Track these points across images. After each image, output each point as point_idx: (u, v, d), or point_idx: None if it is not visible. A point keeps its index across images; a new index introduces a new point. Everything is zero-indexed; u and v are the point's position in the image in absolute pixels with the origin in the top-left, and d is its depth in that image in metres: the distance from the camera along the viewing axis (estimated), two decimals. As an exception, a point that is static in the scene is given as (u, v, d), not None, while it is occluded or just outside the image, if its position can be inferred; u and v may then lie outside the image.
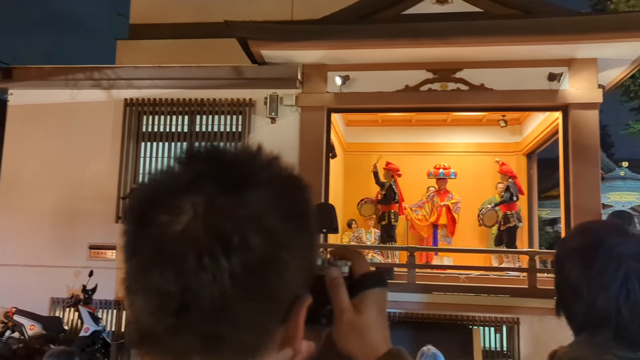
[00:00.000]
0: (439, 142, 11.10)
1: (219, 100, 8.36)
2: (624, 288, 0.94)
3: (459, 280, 7.59)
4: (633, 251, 0.96)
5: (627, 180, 16.35)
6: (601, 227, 1.07)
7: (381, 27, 7.63)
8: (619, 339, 0.93)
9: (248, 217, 0.54)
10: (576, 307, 1.00)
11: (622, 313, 0.93)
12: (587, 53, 7.48)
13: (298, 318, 0.58)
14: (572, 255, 1.02)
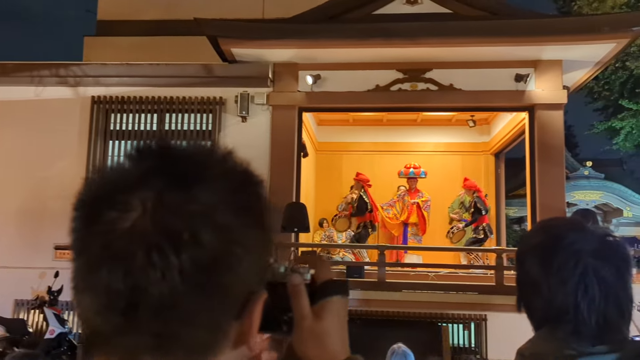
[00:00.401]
0: (409, 142, 11.20)
1: (188, 99, 8.27)
2: (582, 284, 0.95)
3: (429, 278, 7.68)
4: (591, 247, 0.98)
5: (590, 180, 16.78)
6: (560, 224, 1.09)
7: (352, 27, 7.67)
8: (578, 334, 0.95)
9: (199, 213, 0.53)
10: (536, 302, 1.02)
11: (581, 308, 0.95)
12: (553, 55, 7.65)
13: (252, 315, 0.58)
14: (532, 252, 1.04)
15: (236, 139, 8.15)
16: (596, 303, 0.95)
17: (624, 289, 0.98)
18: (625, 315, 0.98)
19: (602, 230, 1.03)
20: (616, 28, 7.00)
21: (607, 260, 0.97)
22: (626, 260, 1.00)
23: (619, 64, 15.13)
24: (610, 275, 0.96)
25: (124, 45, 9.64)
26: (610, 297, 0.96)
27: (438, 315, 7.16)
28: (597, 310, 0.95)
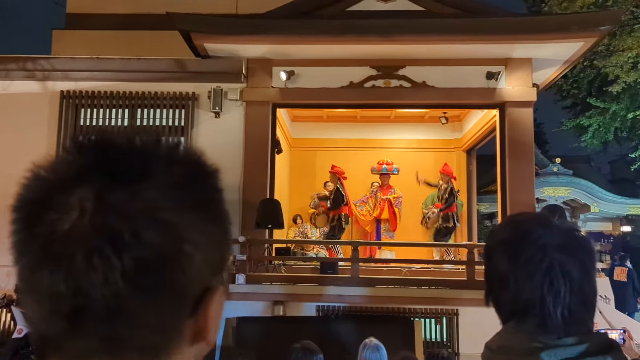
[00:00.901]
0: (383, 139, 11.27)
1: (161, 94, 8.16)
2: (548, 277, 0.97)
3: (401, 273, 7.74)
4: (557, 242, 0.99)
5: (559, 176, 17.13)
6: (527, 219, 1.10)
7: (326, 23, 7.66)
8: (544, 327, 0.96)
9: (141, 211, 0.51)
10: (504, 296, 1.03)
11: (547, 302, 0.96)
12: (523, 53, 7.77)
13: (208, 310, 0.56)
14: (499, 247, 1.05)
15: (209, 134, 8.08)
16: (561, 296, 0.96)
17: (589, 282, 0.99)
18: (589, 308, 1.00)
19: (568, 225, 1.05)
20: (584, 27, 7.15)
21: (572, 254, 0.99)
22: (590, 254, 1.02)
23: (587, 63, 15.42)
24: (575, 269, 0.98)
25: (94, 39, 9.45)
26: (575, 291, 0.97)
27: (411, 310, 7.22)
28: (563, 304, 0.96)
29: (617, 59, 14.06)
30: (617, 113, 17.55)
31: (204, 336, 0.56)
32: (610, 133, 18.65)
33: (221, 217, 0.60)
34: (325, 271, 7.48)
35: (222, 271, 0.60)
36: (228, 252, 0.62)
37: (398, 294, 7.16)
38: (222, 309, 0.59)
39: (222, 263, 0.60)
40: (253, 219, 7.39)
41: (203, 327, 0.56)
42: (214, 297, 0.57)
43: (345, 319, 7.05)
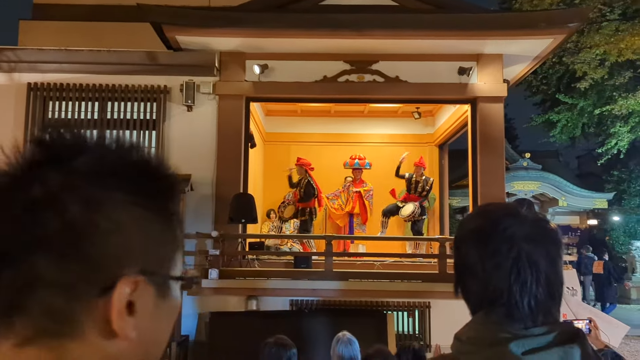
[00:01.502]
0: (356, 133, 11.31)
1: (132, 87, 8.03)
2: (515, 267, 0.97)
3: (374, 267, 7.80)
4: (524, 232, 0.99)
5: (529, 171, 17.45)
6: (496, 209, 1.10)
7: (299, 16, 7.63)
8: (511, 317, 0.97)
9: (68, 184, 0.56)
10: (472, 286, 1.03)
11: (514, 292, 0.97)
12: (494, 49, 7.87)
13: (116, 296, 0.55)
14: (469, 237, 1.05)
15: (182, 128, 7.99)
16: (528, 286, 0.97)
17: (555, 272, 1.00)
18: (555, 298, 1.01)
19: (536, 216, 1.05)
20: (553, 24, 7.27)
21: (539, 244, 0.99)
22: (557, 244, 1.03)
23: (556, 59, 15.71)
24: (542, 260, 0.98)
25: (62, 30, 9.23)
26: (541, 281, 0.98)
27: (384, 303, 7.29)
28: (529, 294, 0.97)
29: (584, 56, 14.36)
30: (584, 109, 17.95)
31: (114, 331, 0.55)
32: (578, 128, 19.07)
33: (169, 217, 0.62)
34: (298, 265, 7.48)
35: (157, 269, 0.59)
36: (172, 253, 0.62)
37: (371, 287, 7.21)
38: (160, 316, 0.60)
39: (160, 261, 0.60)
40: (226, 213, 7.34)
41: (109, 313, 0.55)
42: (127, 284, 0.56)
43: (318, 313, 7.08)
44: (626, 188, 19.38)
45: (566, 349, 0.94)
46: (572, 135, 19.65)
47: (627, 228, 19.14)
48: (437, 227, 10.67)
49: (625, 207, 19.35)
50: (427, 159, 10.75)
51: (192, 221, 7.41)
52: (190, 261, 7.41)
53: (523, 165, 17.66)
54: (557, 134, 19.32)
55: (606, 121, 18.12)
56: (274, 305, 7.15)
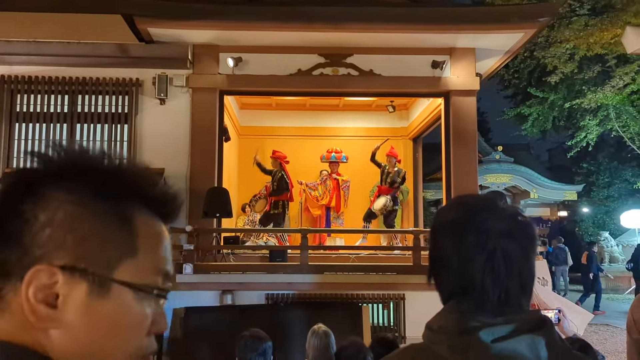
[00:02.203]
0: (331, 127, 11.32)
1: (102, 80, 7.89)
2: (489, 261, 0.99)
3: (350, 260, 7.84)
4: (501, 226, 1.01)
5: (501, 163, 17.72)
6: (474, 202, 1.11)
7: (273, 9, 7.59)
8: (481, 307, 0.99)
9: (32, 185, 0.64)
10: (446, 276, 1.05)
11: (486, 284, 0.98)
12: (466, 43, 7.94)
13: (30, 281, 0.59)
14: (445, 228, 1.06)
15: (155, 122, 7.89)
16: (501, 279, 0.98)
17: (528, 267, 1.02)
18: (526, 291, 1.03)
19: (513, 210, 1.07)
20: (524, 18, 7.37)
21: (514, 239, 1.01)
22: (532, 239, 1.04)
23: (527, 54, 15.95)
24: (516, 254, 1.00)
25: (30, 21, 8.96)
26: (514, 274, 0.99)
27: (359, 295, 7.34)
28: (501, 286, 0.98)
29: (555, 50, 14.60)
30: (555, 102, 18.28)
31: (31, 322, 0.59)
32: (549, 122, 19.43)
33: (120, 221, 0.64)
34: (274, 259, 7.48)
35: (92, 267, 0.61)
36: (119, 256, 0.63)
37: (346, 280, 7.24)
38: (98, 318, 0.61)
39: (100, 261, 0.62)
40: (200, 208, 7.28)
41: (22, 298, 0.59)
42: (34, 277, 0.59)
43: (294, 306, 7.10)
44: (595, 180, 19.84)
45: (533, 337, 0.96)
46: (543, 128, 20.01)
47: (595, 219, 19.62)
48: (411, 220, 10.77)
49: (594, 198, 19.82)
50: (402, 152, 10.82)
51: (166, 216, 7.33)
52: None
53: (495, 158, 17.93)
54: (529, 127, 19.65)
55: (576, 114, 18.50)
56: (250, 300, 7.13)
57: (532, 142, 23.79)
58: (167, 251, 0.70)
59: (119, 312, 0.62)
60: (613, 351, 8.24)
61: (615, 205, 18.92)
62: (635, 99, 16.64)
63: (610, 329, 10.24)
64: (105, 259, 0.62)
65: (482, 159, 17.90)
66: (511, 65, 17.16)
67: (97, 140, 7.85)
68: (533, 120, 19.27)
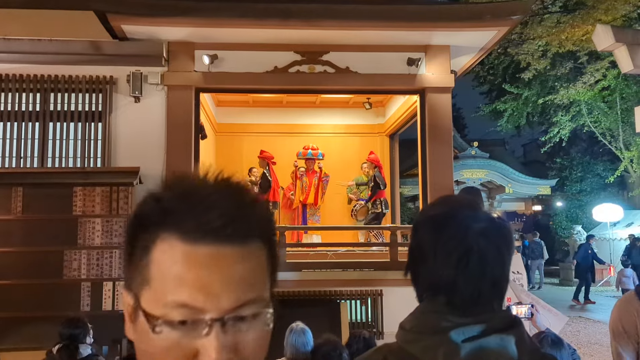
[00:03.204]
0: (309, 124, 11.33)
1: (75, 77, 7.76)
2: (464, 259, 1.00)
3: (328, 257, 7.86)
4: (480, 227, 1.02)
5: (477, 159, 17.94)
6: (458, 201, 1.13)
7: (248, 6, 7.54)
8: (453, 305, 1.00)
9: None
10: (422, 271, 1.06)
11: (459, 282, 1.00)
12: (441, 40, 8.01)
13: (123, 299, 0.68)
14: (427, 223, 1.08)
15: (129, 120, 7.80)
16: (474, 278, 1.00)
17: (501, 268, 1.03)
18: (498, 292, 1.04)
19: (493, 214, 1.10)
20: (497, 16, 7.46)
21: (491, 239, 1.02)
22: (508, 241, 1.06)
23: (501, 50, 16.16)
24: (491, 254, 1.01)
25: (-1, 18, 8.80)
26: (487, 274, 1.01)
27: (337, 292, 7.37)
28: (474, 285, 1.00)
29: (528, 47, 14.82)
30: (529, 98, 18.57)
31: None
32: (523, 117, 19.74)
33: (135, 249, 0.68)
34: (252, 257, 7.45)
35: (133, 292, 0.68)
36: (141, 284, 0.67)
37: (324, 277, 7.27)
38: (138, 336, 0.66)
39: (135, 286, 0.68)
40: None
41: None
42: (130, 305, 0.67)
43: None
44: (568, 175, 20.20)
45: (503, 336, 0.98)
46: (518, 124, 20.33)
47: (569, 213, 19.99)
48: (388, 216, 10.83)
49: (567, 193, 20.19)
50: (378, 149, 10.89)
51: (142, 215, 7.25)
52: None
53: (471, 153, 18.14)
54: (504, 123, 19.94)
55: (549, 110, 18.83)
56: (228, 298, 7.10)
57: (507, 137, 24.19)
58: (181, 278, 0.62)
59: (140, 338, 0.65)
60: (586, 342, 8.42)
61: (587, 199, 19.30)
62: (606, 95, 17.01)
63: (583, 321, 10.45)
64: (135, 286, 0.66)
65: (458, 155, 18.10)
66: (486, 62, 17.37)
67: (70, 139, 7.73)
68: (508, 116, 19.55)
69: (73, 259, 6.69)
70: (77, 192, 6.83)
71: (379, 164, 10.10)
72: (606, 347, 8.09)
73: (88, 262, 6.70)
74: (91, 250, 6.72)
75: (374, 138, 11.23)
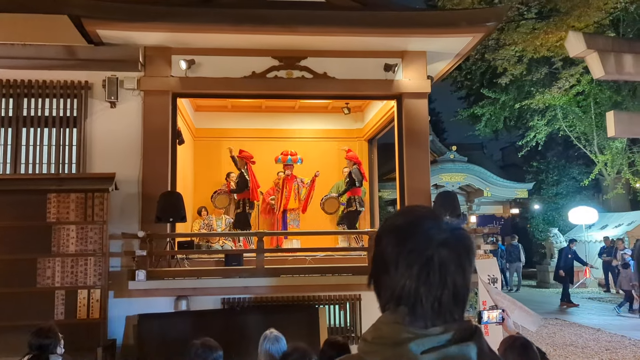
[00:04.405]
0: (288, 129, 11.33)
1: (50, 82, 7.67)
2: (425, 269, 1.00)
3: (306, 262, 7.86)
4: (442, 237, 1.02)
5: (456, 163, 18.09)
6: (421, 210, 1.12)
7: (226, 11, 7.53)
8: (413, 315, 1.00)
9: None
10: (385, 281, 1.05)
11: (420, 292, 1.00)
12: (418, 46, 8.09)
13: None
14: (390, 232, 1.07)
15: (105, 125, 7.72)
16: (434, 288, 1.00)
17: (463, 278, 1.03)
18: (459, 302, 1.04)
19: (456, 224, 1.09)
20: (472, 23, 7.56)
21: (452, 249, 1.02)
22: (468, 250, 1.06)
23: (479, 56, 16.36)
24: (452, 263, 1.01)
25: (-29, 22, 8.65)
26: (448, 284, 1.01)
27: (316, 297, 7.36)
28: (435, 296, 1.00)
29: (504, 53, 15.03)
30: (506, 103, 18.82)
31: None
32: (501, 122, 20.00)
33: None
34: (229, 263, 7.43)
35: None
36: None
37: (303, 282, 7.25)
38: None
39: None
40: (154, 213, 7.17)
41: None
42: None
43: (251, 310, 7.06)
44: (544, 178, 20.48)
45: (462, 347, 0.98)
46: (495, 128, 20.58)
47: (545, 216, 20.25)
48: (367, 220, 10.88)
49: (544, 196, 20.46)
50: (357, 153, 10.93)
51: (117, 221, 7.19)
52: (116, 263, 7.20)
53: (450, 157, 18.28)
54: (482, 128, 20.17)
55: (526, 115, 19.10)
56: (205, 305, 7.06)
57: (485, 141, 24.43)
58: None
59: None
60: (561, 344, 8.54)
61: (563, 202, 19.58)
62: (581, 100, 17.31)
63: (559, 322, 10.60)
64: None
65: (437, 159, 18.24)
66: (464, 67, 17.57)
67: (45, 144, 7.62)
68: (486, 120, 19.78)
69: (47, 267, 6.59)
70: (51, 199, 6.73)
71: (357, 161, 10.16)
72: (581, 349, 8.22)
73: (62, 269, 6.60)
74: (65, 257, 6.63)
75: (352, 143, 11.28)
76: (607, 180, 18.28)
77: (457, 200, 7.96)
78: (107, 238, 6.71)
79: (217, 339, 3.22)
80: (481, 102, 19.75)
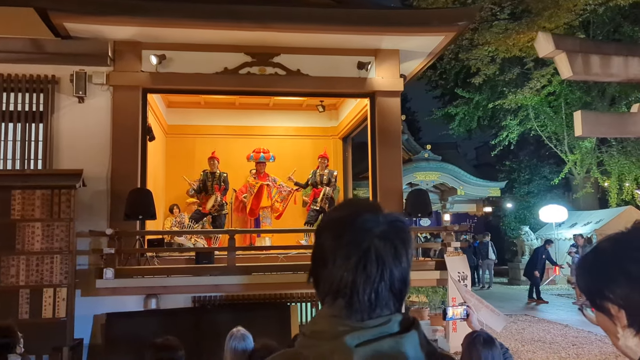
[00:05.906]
0: (262, 126, 11.26)
1: (15, 76, 7.48)
2: (362, 261, 0.99)
3: (279, 260, 7.82)
4: (379, 229, 1.02)
5: (430, 162, 18.20)
6: (359, 204, 1.12)
7: (198, 6, 7.44)
8: (350, 308, 0.99)
9: None
10: (323, 274, 1.04)
11: (357, 284, 0.99)
12: (390, 44, 8.11)
13: None
14: (328, 226, 1.07)
15: (72, 121, 7.57)
16: (372, 280, 0.99)
17: (399, 270, 1.03)
18: (396, 294, 1.03)
19: (394, 216, 1.09)
20: (444, 22, 7.61)
21: (389, 241, 1.02)
22: (405, 242, 1.06)
23: (453, 56, 16.49)
24: (389, 255, 1.01)
25: None
26: (385, 276, 1.00)
27: (287, 295, 7.33)
28: (371, 287, 0.99)
29: (478, 53, 15.18)
30: (479, 103, 19.05)
31: None
32: (474, 121, 20.23)
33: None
34: (200, 261, 7.35)
35: None
36: None
37: (275, 280, 7.21)
38: None
39: None
40: (123, 210, 7.05)
41: None
42: None
43: (222, 308, 7.00)
44: (516, 177, 20.78)
45: (397, 339, 0.97)
46: (469, 127, 20.80)
47: (517, 214, 20.55)
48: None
49: (516, 194, 20.77)
50: (332, 152, 10.93)
51: (85, 219, 7.05)
52: (84, 261, 7.06)
53: (424, 156, 18.38)
54: (456, 127, 20.37)
55: (499, 114, 19.35)
56: (176, 303, 6.97)
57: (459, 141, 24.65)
58: None
59: None
60: (529, 340, 8.66)
61: (534, 201, 19.90)
62: (552, 100, 17.61)
63: (528, 319, 10.76)
64: None
65: (412, 158, 18.35)
66: (438, 66, 17.70)
67: (9, 140, 7.44)
68: (459, 119, 19.98)
69: (11, 265, 6.42)
70: (16, 196, 6.56)
71: (326, 158, 10.12)
72: (548, 344, 8.35)
73: (27, 267, 6.44)
74: (30, 255, 6.47)
75: (327, 140, 11.27)
76: (577, 180, 18.63)
77: (428, 198, 8.02)
78: (74, 235, 6.57)
79: (187, 337, 3.17)
80: (455, 101, 19.94)
